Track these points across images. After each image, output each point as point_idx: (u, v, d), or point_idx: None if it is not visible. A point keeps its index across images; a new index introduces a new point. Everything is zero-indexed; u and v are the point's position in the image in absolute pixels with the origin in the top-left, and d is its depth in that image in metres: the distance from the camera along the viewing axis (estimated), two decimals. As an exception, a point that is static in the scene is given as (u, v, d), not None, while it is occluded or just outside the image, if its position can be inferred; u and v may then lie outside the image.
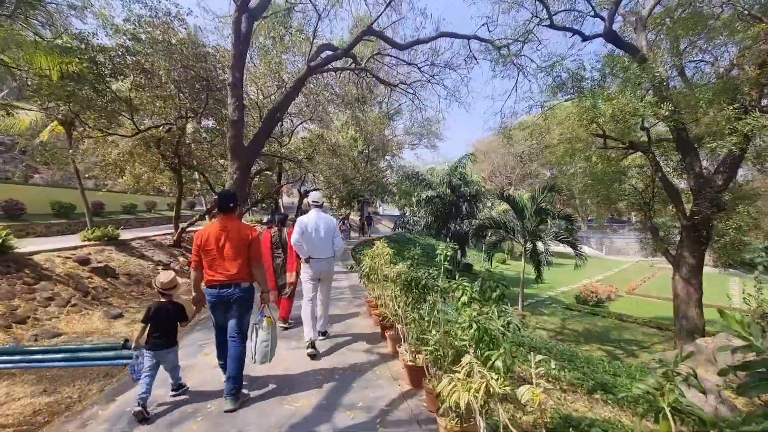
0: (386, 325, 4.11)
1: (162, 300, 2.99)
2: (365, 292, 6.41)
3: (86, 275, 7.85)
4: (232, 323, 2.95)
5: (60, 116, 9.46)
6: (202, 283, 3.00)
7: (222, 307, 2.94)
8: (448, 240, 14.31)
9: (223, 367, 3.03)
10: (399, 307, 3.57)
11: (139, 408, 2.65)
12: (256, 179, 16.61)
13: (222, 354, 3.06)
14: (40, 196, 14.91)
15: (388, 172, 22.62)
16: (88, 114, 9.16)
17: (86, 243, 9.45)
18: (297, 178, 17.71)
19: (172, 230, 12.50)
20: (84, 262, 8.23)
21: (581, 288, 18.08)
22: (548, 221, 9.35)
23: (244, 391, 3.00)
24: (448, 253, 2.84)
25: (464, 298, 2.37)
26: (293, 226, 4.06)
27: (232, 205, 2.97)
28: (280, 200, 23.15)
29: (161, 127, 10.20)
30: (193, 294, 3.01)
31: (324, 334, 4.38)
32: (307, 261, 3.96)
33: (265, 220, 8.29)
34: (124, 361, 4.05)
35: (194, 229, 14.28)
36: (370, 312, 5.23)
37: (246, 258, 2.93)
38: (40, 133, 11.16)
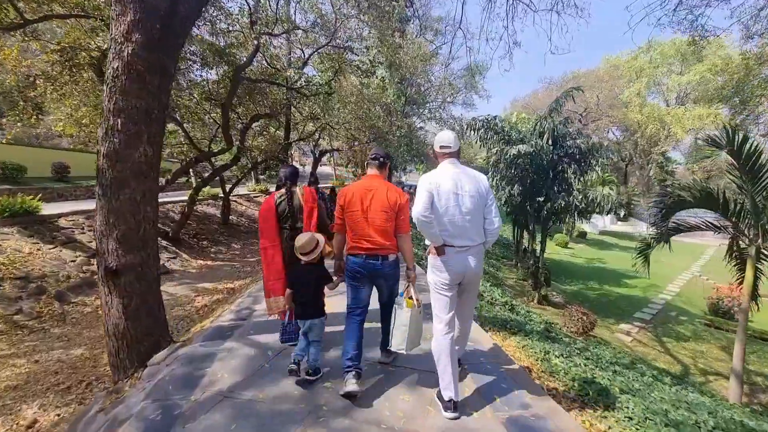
0: None
1: (301, 264, 2.57)
2: None
3: None
4: (385, 294, 2.55)
5: None
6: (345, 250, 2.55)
7: (367, 278, 2.45)
8: (531, 224, 9.77)
9: (352, 351, 2.38)
10: None
11: (294, 365, 2.41)
12: (254, 137, 12.59)
13: (351, 334, 2.42)
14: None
15: (428, 126, 18.06)
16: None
17: (-26, 221, 5.84)
18: (309, 135, 13.50)
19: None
20: (-72, 259, 4.58)
21: (699, 287, 13.49)
22: None
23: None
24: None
25: None
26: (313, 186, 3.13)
27: (381, 160, 2.49)
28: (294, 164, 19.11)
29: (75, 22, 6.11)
30: (335, 262, 2.63)
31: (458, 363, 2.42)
32: (440, 252, 2.21)
33: (273, 189, 3.77)
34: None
35: (169, 200, 10.58)
36: None
37: (393, 225, 2.39)
38: None
